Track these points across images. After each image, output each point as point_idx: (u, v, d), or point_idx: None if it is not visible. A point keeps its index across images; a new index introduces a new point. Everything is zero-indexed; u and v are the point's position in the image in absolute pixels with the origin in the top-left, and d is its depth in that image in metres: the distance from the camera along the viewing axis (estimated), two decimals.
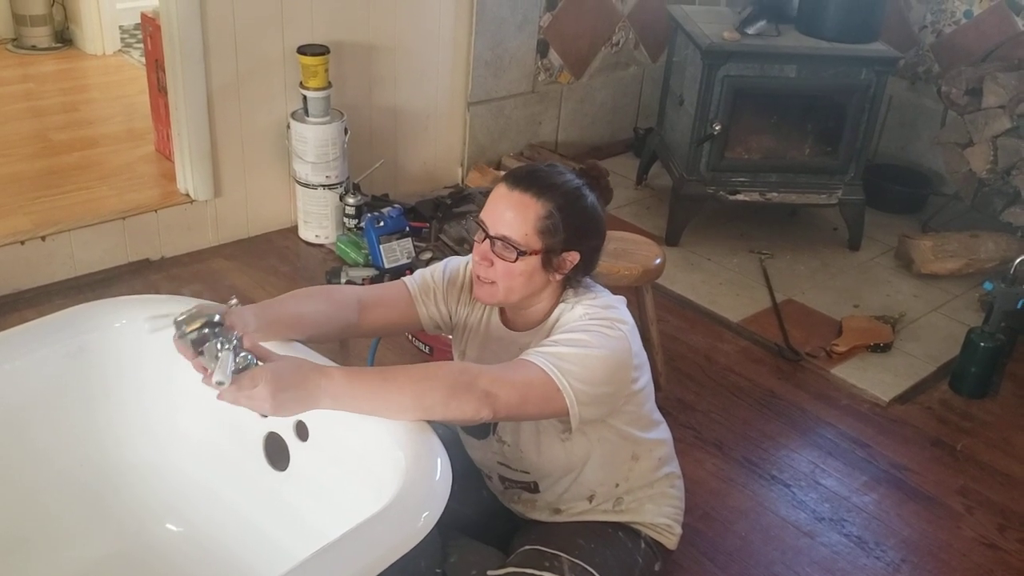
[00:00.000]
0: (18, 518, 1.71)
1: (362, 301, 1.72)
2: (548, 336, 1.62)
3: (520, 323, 1.72)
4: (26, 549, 1.72)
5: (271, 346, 1.54)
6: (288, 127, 3.22)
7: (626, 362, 1.61)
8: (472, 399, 1.47)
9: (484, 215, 1.62)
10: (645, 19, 4.13)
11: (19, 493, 1.71)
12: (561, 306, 1.66)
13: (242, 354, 1.43)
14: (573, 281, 1.67)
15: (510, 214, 1.58)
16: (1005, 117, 3.28)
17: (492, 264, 1.60)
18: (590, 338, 1.57)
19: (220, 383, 1.38)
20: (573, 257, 1.62)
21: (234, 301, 1.51)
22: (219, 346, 1.41)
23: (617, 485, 1.76)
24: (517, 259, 1.58)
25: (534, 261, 1.59)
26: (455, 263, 1.80)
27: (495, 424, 1.74)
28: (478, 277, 1.64)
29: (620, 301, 1.69)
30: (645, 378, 1.71)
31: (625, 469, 1.76)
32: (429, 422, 1.53)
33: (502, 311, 1.75)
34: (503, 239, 1.58)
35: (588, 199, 1.62)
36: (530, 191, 1.58)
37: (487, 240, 1.60)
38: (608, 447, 1.72)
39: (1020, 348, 2.91)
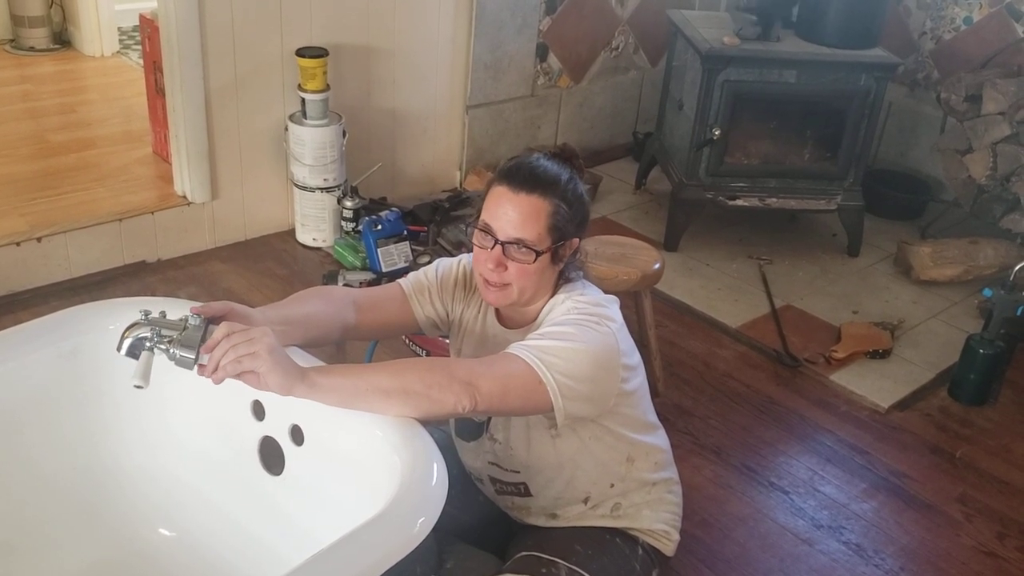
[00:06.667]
0: (8, 522, 1.69)
1: (357, 302, 1.72)
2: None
3: (516, 320, 1.72)
4: (16, 554, 1.70)
5: None
6: (286, 129, 3.21)
7: (613, 360, 1.60)
8: (453, 385, 1.48)
9: (491, 220, 1.60)
10: (645, 24, 4.12)
11: (10, 496, 1.69)
12: (551, 301, 1.66)
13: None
14: (568, 271, 1.68)
15: (521, 218, 1.57)
16: (1004, 124, 3.27)
17: (506, 268, 1.60)
18: (575, 331, 1.57)
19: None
20: (574, 243, 1.65)
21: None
22: (146, 345, 1.47)
23: (612, 485, 1.75)
24: (536, 260, 1.58)
25: (546, 258, 1.60)
26: (447, 262, 1.81)
27: (487, 424, 1.74)
28: (487, 281, 1.63)
29: (611, 300, 1.69)
30: (638, 380, 1.70)
31: (621, 471, 1.75)
32: (424, 426, 1.52)
33: (498, 309, 1.74)
34: (519, 242, 1.58)
35: (580, 186, 1.65)
36: (535, 192, 1.58)
37: (497, 245, 1.59)
38: (601, 447, 1.71)
39: (1019, 355, 2.90)
